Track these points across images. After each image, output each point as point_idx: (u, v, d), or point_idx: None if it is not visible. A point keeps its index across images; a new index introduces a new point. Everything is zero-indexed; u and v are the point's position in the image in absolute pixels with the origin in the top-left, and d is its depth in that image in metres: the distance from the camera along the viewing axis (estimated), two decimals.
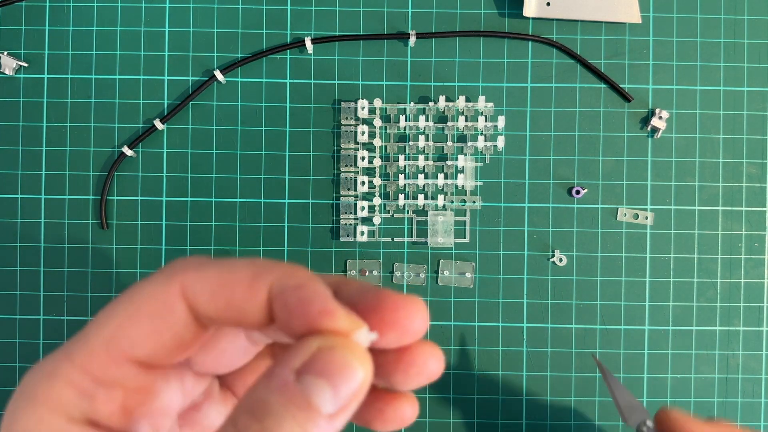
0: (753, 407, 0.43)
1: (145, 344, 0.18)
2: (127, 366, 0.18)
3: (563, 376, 0.43)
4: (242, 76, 0.44)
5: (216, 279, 0.18)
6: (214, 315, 0.18)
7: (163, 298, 0.18)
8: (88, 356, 0.18)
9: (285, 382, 0.16)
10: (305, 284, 0.18)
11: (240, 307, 0.18)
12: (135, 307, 0.18)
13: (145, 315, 0.18)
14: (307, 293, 0.17)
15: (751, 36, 0.43)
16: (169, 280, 0.19)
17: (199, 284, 0.18)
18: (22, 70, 0.43)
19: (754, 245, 0.43)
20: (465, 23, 0.44)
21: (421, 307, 0.18)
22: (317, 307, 0.17)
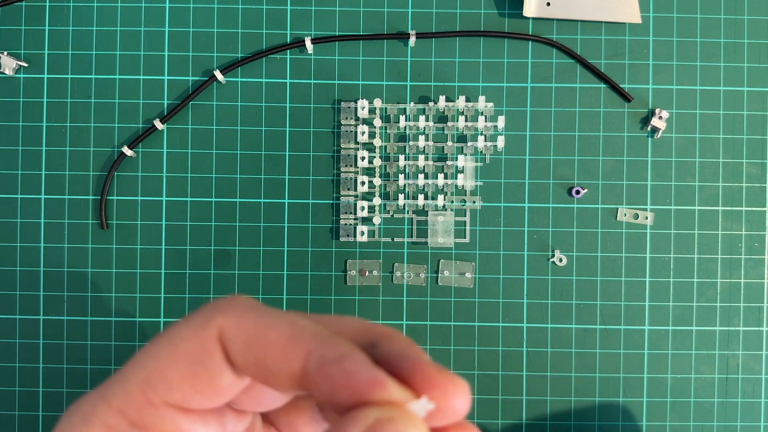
0: (753, 407, 0.43)
1: (182, 387, 0.18)
2: (164, 409, 0.18)
3: (563, 376, 0.43)
4: (242, 76, 0.44)
5: (253, 332, 0.17)
6: (244, 369, 0.18)
7: (202, 342, 0.18)
8: (125, 398, 0.18)
9: None
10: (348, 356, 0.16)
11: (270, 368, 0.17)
12: (173, 348, 0.18)
13: (182, 356, 0.18)
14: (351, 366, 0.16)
15: (751, 36, 0.43)
16: (207, 323, 0.18)
17: (235, 332, 0.18)
18: (22, 70, 0.43)
19: (754, 245, 0.43)
20: (465, 23, 0.44)
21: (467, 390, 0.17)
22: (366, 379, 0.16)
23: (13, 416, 0.43)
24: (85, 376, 0.43)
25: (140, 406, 0.18)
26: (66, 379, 0.43)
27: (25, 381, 0.43)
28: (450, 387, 0.17)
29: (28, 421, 0.43)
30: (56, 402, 0.43)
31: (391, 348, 0.18)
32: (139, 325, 0.43)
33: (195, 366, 0.18)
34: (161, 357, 0.18)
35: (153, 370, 0.18)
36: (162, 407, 0.18)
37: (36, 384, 0.43)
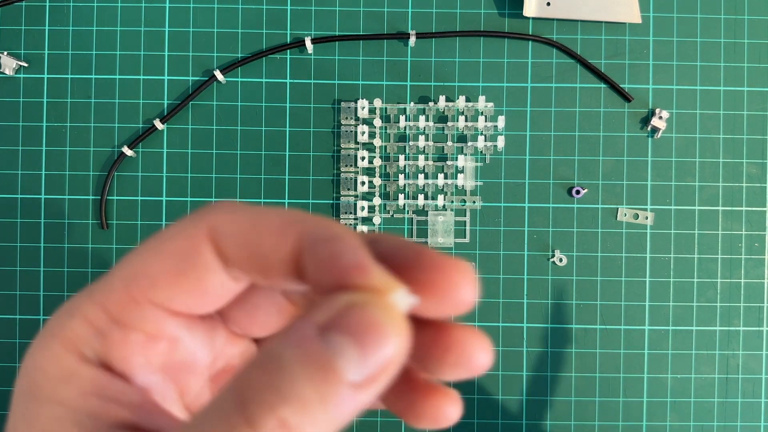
0: (753, 407, 0.43)
1: (167, 285, 0.17)
2: (146, 307, 0.17)
3: (563, 376, 0.43)
4: (242, 76, 0.43)
5: (246, 222, 0.17)
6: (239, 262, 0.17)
7: (189, 238, 0.17)
8: (108, 293, 0.17)
9: (305, 336, 0.14)
10: (339, 236, 0.15)
11: (266, 255, 0.16)
12: (160, 245, 0.17)
13: (168, 254, 0.17)
14: (339, 246, 0.15)
15: (751, 36, 0.43)
16: (198, 221, 0.17)
17: (227, 226, 0.17)
18: (22, 70, 0.43)
19: (755, 245, 0.43)
20: (465, 23, 0.44)
21: (470, 272, 0.16)
22: (350, 261, 0.15)
23: None
24: None
25: (122, 301, 0.17)
26: None
27: None
28: (452, 271, 0.16)
29: None
30: None
31: (391, 241, 0.17)
32: None
33: (182, 262, 0.17)
34: (147, 253, 0.17)
35: (138, 265, 0.17)
36: (145, 305, 0.17)
37: None
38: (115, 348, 0.17)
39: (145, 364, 0.18)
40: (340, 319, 0.14)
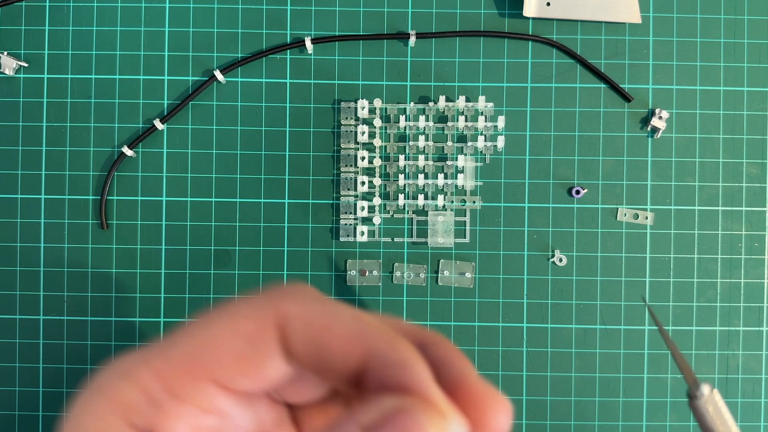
0: (753, 407, 0.43)
1: (229, 366, 0.17)
2: (204, 384, 0.17)
3: (563, 376, 0.43)
4: (242, 76, 0.43)
5: (316, 321, 0.17)
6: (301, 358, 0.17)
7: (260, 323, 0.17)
8: (168, 365, 0.17)
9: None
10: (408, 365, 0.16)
11: (331, 360, 0.17)
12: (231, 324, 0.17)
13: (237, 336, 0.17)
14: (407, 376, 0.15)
15: (751, 36, 0.43)
16: (270, 305, 0.17)
17: (297, 322, 0.17)
18: (22, 70, 0.43)
19: (754, 245, 0.43)
20: (465, 23, 0.44)
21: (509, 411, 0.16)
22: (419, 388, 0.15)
23: (13, 416, 0.43)
24: (85, 375, 0.43)
25: (181, 375, 0.17)
26: (66, 379, 0.43)
27: (25, 381, 0.43)
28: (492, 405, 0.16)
29: (28, 421, 0.43)
30: (56, 402, 0.43)
31: (439, 353, 0.17)
32: (139, 325, 0.43)
33: (248, 347, 0.17)
34: (215, 330, 0.17)
35: (204, 342, 0.17)
36: (203, 381, 0.17)
37: (36, 384, 0.43)
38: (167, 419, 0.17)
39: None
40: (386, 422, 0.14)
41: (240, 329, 0.17)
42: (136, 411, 0.17)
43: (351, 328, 0.17)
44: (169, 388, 0.17)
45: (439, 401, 0.15)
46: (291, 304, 0.17)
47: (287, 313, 0.17)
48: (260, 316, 0.17)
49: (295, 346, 0.17)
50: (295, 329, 0.17)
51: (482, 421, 0.16)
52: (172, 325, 0.43)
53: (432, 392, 0.15)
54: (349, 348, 0.16)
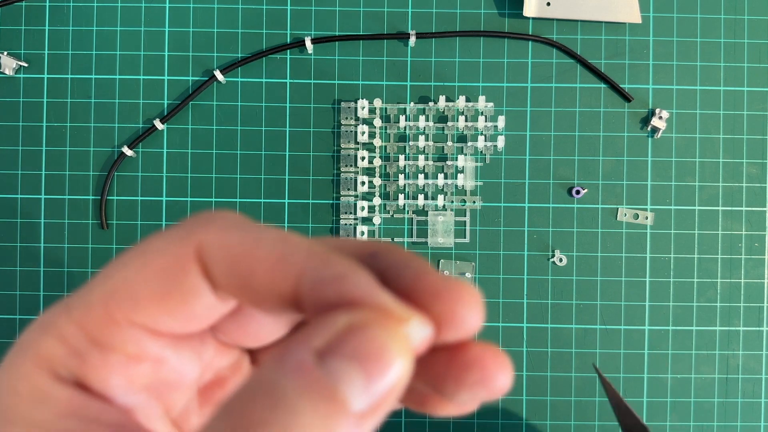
0: (753, 407, 0.43)
1: (149, 305, 0.15)
2: (128, 328, 0.16)
3: (563, 376, 0.43)
4: (242, 76, 0.43)
5: (237, 249, 0.15)
6: (226, 291, 0.16)
7: (176, 256, 0.15)
8: (86, 311, 0.16)
9: (303, 363, 0.13)
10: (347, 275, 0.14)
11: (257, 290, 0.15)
12: (143, 261, 0.16)
13: (153, 271, 0.15)
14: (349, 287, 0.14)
15: (751, 36, 0.43)
16: (187, 236, 0.16)
17: (217, 250, 0.15)
18: (22, 70, 0.43)
19: (754, 245, 0.43)
20: (465, 23, 0.44)
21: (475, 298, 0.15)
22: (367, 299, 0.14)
23: None
24: None
25: (102, 321, 0.15)
26: None
27: None
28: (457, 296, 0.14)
29: None
30: None
31: (390, 258, 0.16)
32: None
33: (167, 283, 0.15)
34: (129, 269, 0.16)
35: (119, 282, 0.15)
36: (126, 326, 0.16)
37: None
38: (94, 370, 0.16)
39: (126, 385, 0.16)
40: (340, 342, 0.13)
41: (155, 265, 0.15)
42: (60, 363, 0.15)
43: (276, 251, 0.15)
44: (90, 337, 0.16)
45: (391, 306, 0.14)
46: (209, 232, 0.15)
47: (205, 242, 0.15)
48: (177, 249, 0.15)
49: (218, 278, 0.15)
50: (214, 259, 0.15)
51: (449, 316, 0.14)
52: None
53: (381, 299, 0.14)
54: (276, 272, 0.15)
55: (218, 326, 0.18)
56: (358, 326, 0.13)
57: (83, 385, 0.16)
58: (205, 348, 0.18)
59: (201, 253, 0.15)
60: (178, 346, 0.17)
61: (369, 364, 0.13)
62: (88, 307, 0.15)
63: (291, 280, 0.14)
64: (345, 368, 0.13)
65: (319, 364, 0.13)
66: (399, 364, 0.13)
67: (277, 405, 0.12)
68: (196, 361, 0.18)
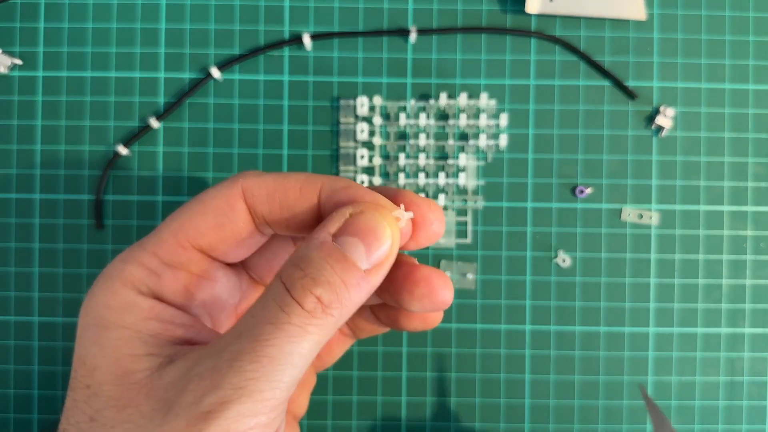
0: (759, 410, 0.43)
1: (209, 234, 0.21)
2: (192, 252, 0.21)
3: (566, 379, 0.43)
4: (239, 73, 0.43)
5: (272, 183, 0.21)
6: (269, 216, 0.21)
7: (227, 198, 0.21)
8: (159, 243, 0.21)
9: (324, 241, 0.19)
10: (350, 185, 0.21)
11: (292, 207, 0.21)
12: (202, 204, 0.22)
13: (210, 210, 0.21)
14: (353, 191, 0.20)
15: (756, 33, 0.43)
16: (233, 183, 0.22)
17: (257, 188, 0.21)
18: (16, 67, 0.43)
19: (760, 246, 0.43)
20: (467, 19, 0.43)
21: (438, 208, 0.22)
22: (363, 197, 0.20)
23: (8, 419, 0.42)
24: None
25: (172, 248, 0.21)
26: (61, 381, 0.42)
27: (20, 383, 0.43)
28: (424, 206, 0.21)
29: (22, 423, 0.42)
30: (51, 405, 0.42)
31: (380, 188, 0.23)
32: None
33: (221, 218, 0.21)
34: (192, 210, 0.22)
35: (185, 220, 0.21)
36: (191, 250, 0.21)
37: (31, 386, 0.42)
38: (167, 285, 0.21)
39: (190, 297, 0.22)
40: (347, 225, 0.19)
41: (212, 205, 0.22)
42: (140, 281, 0.21)
43: (301, 179, 0.21)
44: (164, 260, 0.21)
45: (382, 200, 0.20)
46: (249, 178, 0.22)
47: (248, 185, 0.21)
48: (226, 192, 0.22)
49: (261, 207, 0.21)
50: (256, 194, 0.21)
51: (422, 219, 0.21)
52: None
53: (375, 197, 0.20)
54: (304, 191, 0.21)
55: (250, 265, 0.25)
56: (359, 213, 0.20)
57: (159, 297, 0.21)
58: (242, 280, 0.24)
59: (245, 192, 0.21)
60: (226, 272, 0.23)
61: (368, 237, 0.19)
62: (161, 240, 0.21)
63: (314, 194, 0.21)
64: (352, 241, 0.19)
65: (335, 241, 0.19)
66: (389, 236, 0.20)
67: (309, 265, 0.19)
68: (237, 287, 0.24)
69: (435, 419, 0.43)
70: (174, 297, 0.21)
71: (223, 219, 0.21)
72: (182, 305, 0.22)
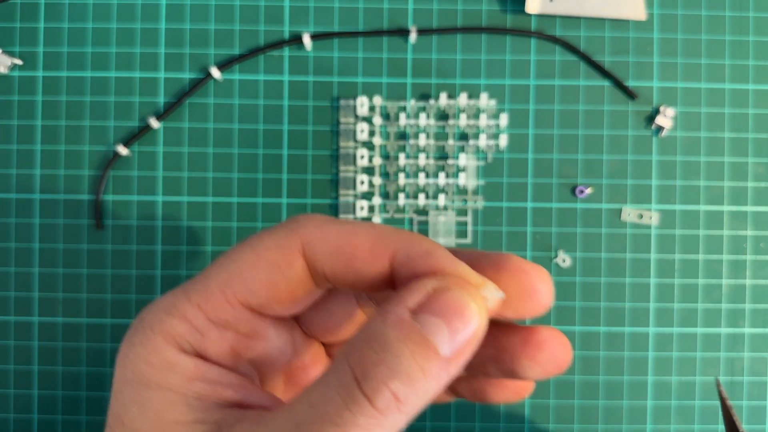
0: (759, 410, 0.43)
1: (260, 292, 0.19)
2: (240, 310, 0.19)
3: (566, 379, 0.43)
4: (239, 73, 0.43)
5: (337, 239, 0.18)
6: (331, 275, 0.19)
7: (284, 251, 0.19)
8: (205, 296, 0.19)
9: (402, 318, 0.16)
10: (433, 252, 0.18)
11: (359, 270, 0.18)
12: (255, 255, 0.19)
13: (264, 264, 0.19)
14: (436, 260, 0.17)
15: (756, 33, 0.43)
16: (291, 234, 0.19)
17: (319, 243, 0.18)
18: (16, 68, 0.43)
19: (760, 246, 0.43)
20: (467, 19, 0.43)
21: (548, 277, 0.18)
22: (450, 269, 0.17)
23: (8, 419, 0.42)
24: (80, 378, 0.42)
25: (218, 304, 0.19)
26: (61, 381, 0.43)
27: (20, 383, 0.43)
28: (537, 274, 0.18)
29: (22, 423, 0.42)
30: (51, 404, 0.43)
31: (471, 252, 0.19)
32: None
33: (276, 274, 0.19)
34: (243, 261, 0.19)
35: (234, 272, 0.19)
36: (238, 308, 0.19)
37: (31, 386, 0.42)
38: (212, 344, 0.19)
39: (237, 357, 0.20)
40: (430, 301, 0.16)
41: (266, 259, 0.19)
42: (184, 339, 0.19)
43: (371, 237, 0.18)
44: (210, 318, 0.19)
45: (469, 274, 0.17)
46: (310, 229, 0.19)
47: (309, 238, 0.19)
48: (284, 245, 0.19)
49: (322, 266, 0.19)
50: (318, 251, 0.19)
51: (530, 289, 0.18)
52: None
53: (461, 269, 0.17)
54: (374, 253, 0.18)
55: (304, 319, 0.22)
56: (443, 289, 0.17)
57: (203, 356, 0.19)
58: (295, 335, 0.22)
59: (305, 247, 0.19)
60: (278, 327, 0.21)
61: (453, 320, 0.16)
62: (208, 293, 0.19)
63: (386, 258, 0.18)
64: (434, 322, 0.16)
65: (415, 319, 0.16)
66: (476, 320, 0.17)
67: (385, 349, 0.16)
68: (289, 343, 0.22)
69: (435, 419, 0.43)
70: (219, 358, 0.19)
71: (278, 276, 0.19)
72: (228, 365, 0.20)
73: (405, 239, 0.18)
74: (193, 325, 0.19)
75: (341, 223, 0.19)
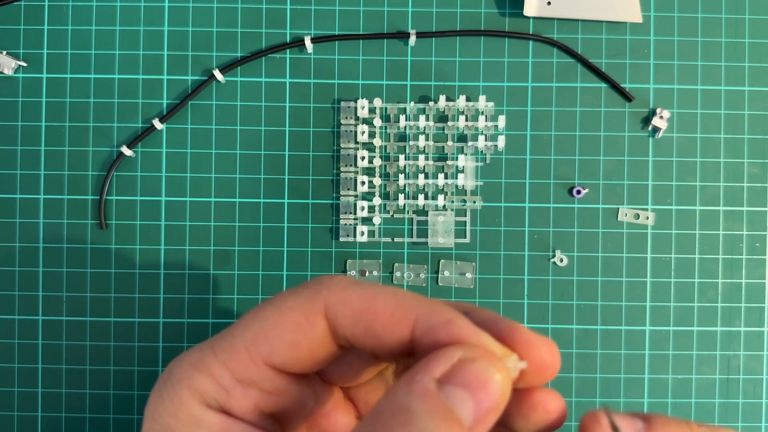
0: (754, 408, 0.43)
1: (283, 352, 0.19)
2: (264, 369, 0.20)
3: (564, 377, 0.43)
4: (242, 75, 0.43)
5: (359, 304, 0.19)
6: (352, 338, 0.19)
7: (307, 313, 0.19)
8: (231, 354, 0.19)
9: (427, 389, 0.16)
10: (454, 320, 0.18)
11: (379, 335, 0.18)
12: (279, 317, 0.19)
13: (287, 324, 0.19)
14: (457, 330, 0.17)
15: (752, 35, 0.43)
16: (314, 297, 0.19)
17: (341, 307, 0.19)
18: (21, 69, 0.43)
19: (755, 245, 0.43)
20: (465, 22, 0.43)
21: (556, 350, 0.19)
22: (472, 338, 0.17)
23: (12, 416, 0.43)
24: (84, 376, 0.43)
25: (243, 362, 0.19)
26: (65, 379, 0.43)
27: (24, 382, 0.43)
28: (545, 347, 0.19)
29: (26, 421, 0.43)
30: (55, 403, 0.43)
31: (483, 315, 0.19)
32: (138, 326, 0.43)
33: (298, 335, 0.19)
34: (267, 322, 0.19)
35: (259, 332, 0.19)
36: (262, 367, 0.20)
37: (35, 385, 0.43)
38: (237, 402, 0.20)
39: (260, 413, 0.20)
40: (456, 372, 0.17)
41: (289, 320, 0.19)
42: (210, 396, 0.19)
43: (393, 303, 0.18)
44: (234, 374, 0.19)
45: (493, 345, 0.17)
46: (333, 292, 0.19)
47: (331, 301, 0.19)
48: (307, 307, 0.19)
49: (343, 330, 0.19)
50: (341, 315, 0.19)
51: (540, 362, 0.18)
52: (171, 325, 0.43)
53: (485, 339, 0.17)
54: (395, 320, 0.18)
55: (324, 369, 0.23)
56: (468, 360, 0.17)
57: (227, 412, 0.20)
58: (315, 385, 0.22)
59: (327, 310, 0.19)
60: (300, 382, 0.21)
61: (479, 392, 0.16)
62: (233, 351, 0.20)
63: (407, 325, 0.18)
64: (460, 394, 0.16)
65: (440, 390, 0.16)
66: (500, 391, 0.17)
67: (410, 422, 0.16)
68: (310, 395, 0.22)
69: None
70: (244, 414, 0.20)
71: (301, 337, 0.19)
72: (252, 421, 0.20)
73: (426, 306, 0.18)
74: (219, 382, 0.19)
75: (363, 287, 0.19)
